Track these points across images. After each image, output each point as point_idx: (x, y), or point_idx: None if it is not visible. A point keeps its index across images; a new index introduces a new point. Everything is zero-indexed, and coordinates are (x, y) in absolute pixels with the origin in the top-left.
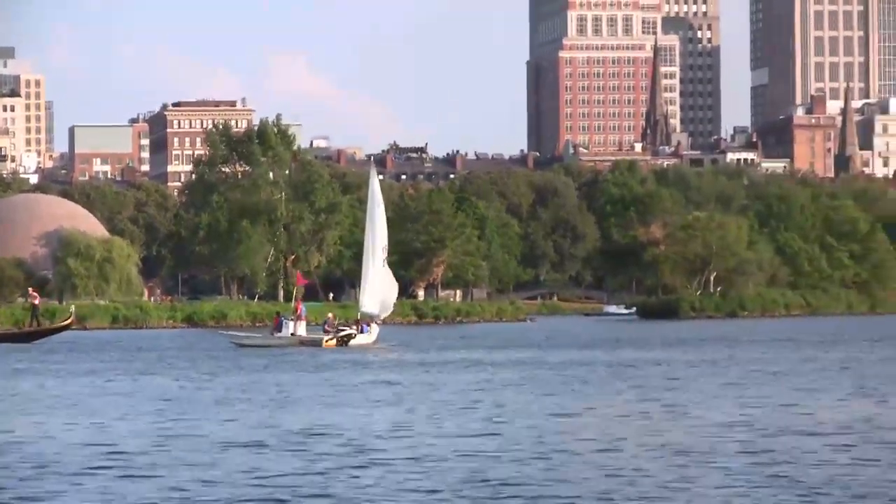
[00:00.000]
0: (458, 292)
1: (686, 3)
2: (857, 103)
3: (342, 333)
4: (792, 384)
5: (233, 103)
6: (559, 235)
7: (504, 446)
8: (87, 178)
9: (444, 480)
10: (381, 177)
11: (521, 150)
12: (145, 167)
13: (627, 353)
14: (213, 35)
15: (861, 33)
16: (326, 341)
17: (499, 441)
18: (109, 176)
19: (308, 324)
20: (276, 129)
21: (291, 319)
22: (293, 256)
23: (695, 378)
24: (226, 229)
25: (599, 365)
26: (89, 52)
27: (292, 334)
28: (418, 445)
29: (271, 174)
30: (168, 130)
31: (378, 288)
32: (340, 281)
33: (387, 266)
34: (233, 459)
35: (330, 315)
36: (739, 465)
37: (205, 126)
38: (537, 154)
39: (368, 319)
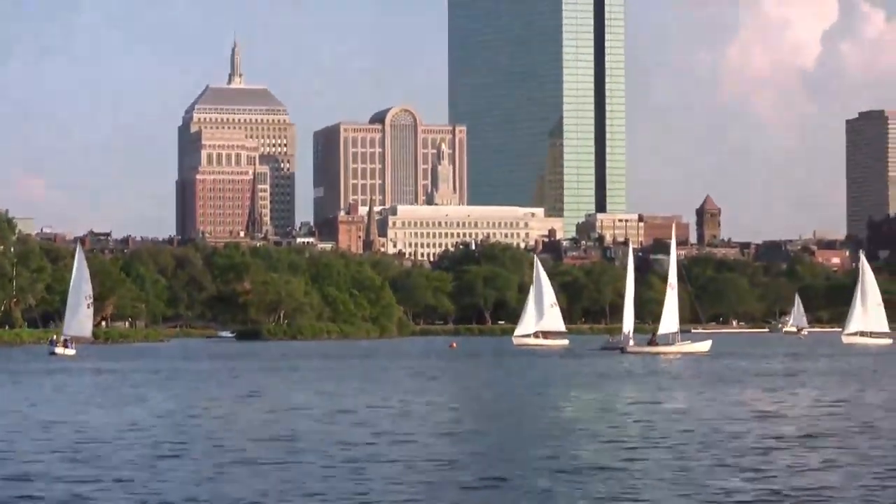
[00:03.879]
0: (126, 322)
1: (275, 146)
2: (377, 208)
3: None
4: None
5: None
6: (192, 287)
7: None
8: None
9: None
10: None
11: (170, 235)
12: None
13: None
14: None
15: (381, 165)
16: None
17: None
18: None
19: None
20: (6, 220)
21: None
22: (15, 299)
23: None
24: None
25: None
26: None
27: None
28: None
29: (1, 247)
30: None
31: (83, 320)
32: (52, 315)
33: (91, 307)
34: None
35: (55, 336)
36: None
37: None
38: (180, 238)
39: (72, 339)
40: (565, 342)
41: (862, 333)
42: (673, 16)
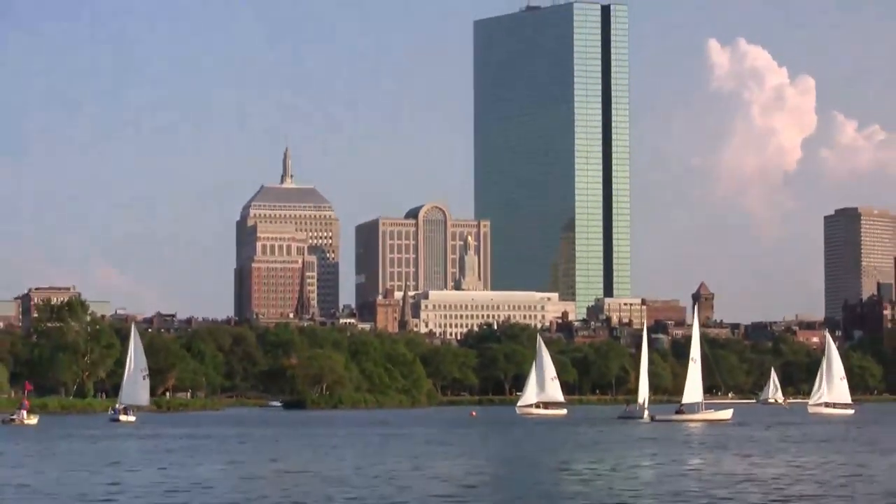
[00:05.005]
0: (188, 393)
1: (321, 238)
2: (411, 293)
3: (12, 416)
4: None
5: (68, 289)
6: (246, 362)
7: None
8: None
9: None
10: (150, 331)
11: (228, 316)
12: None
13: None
14: (62, 246)
15: (414, 255)
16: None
17: None
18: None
19: (29, 411)
20: (79, 303)
21: (17, 408)
22: (87, 373)
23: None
24: (48, 357)
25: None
26: None
27: (11, 418)
28: None
29: (76, 326)
30: (31, 303)
31: (139, 391)
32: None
33: (147, 379)
34: None
35: (118, 406)
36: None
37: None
38: (237, 318)
39: (132, 408)
40: (564, 412)
41: (826, 404)
42: (672, 124)
